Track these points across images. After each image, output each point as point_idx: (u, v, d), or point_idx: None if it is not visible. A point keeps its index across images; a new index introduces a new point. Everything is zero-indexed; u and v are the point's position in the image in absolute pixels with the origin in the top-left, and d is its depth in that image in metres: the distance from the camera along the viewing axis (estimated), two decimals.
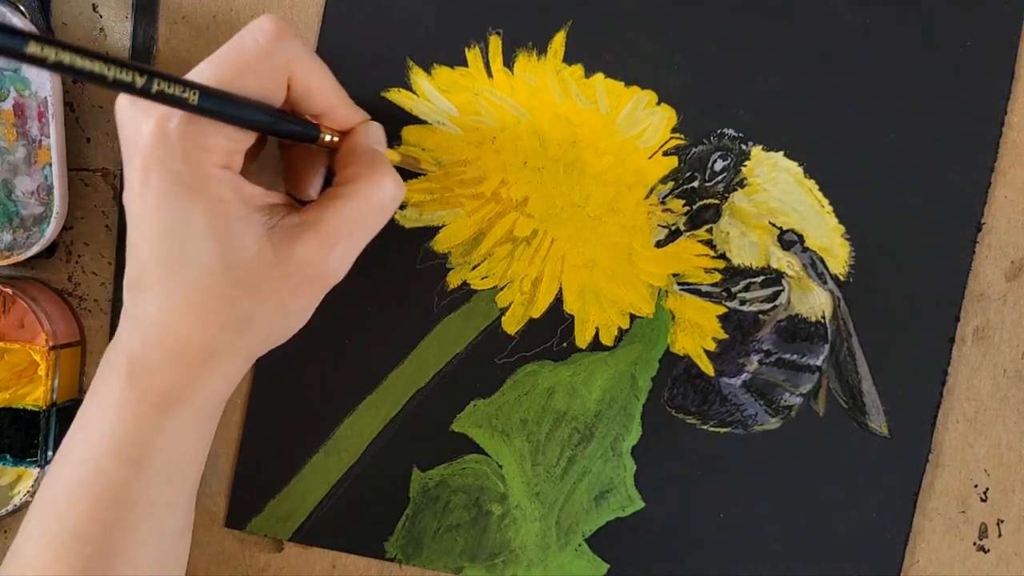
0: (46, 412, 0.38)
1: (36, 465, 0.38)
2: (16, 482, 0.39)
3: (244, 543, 0.41)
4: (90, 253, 0.40)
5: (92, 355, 0.41)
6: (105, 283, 0.41)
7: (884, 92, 0.38)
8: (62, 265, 0.41)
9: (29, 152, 0.36)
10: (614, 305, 0.39)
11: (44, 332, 0.38)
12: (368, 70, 0.38)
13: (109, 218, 0.40)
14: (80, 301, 0.41)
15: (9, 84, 0.36)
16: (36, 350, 0.38)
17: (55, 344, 0.38)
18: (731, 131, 0.38)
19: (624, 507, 0.40)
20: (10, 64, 0.36)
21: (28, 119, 0.36)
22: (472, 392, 0.39)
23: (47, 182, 0.36)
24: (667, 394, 0.39)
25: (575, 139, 0.38)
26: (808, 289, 0.39)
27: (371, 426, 0.40)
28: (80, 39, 0.39)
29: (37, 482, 0.38)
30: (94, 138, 0.40)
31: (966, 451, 0.39)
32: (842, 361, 0.39)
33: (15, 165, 0.36)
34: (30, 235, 0.37)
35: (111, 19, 0.39)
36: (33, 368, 0.39)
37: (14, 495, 0.39)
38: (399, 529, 0.40)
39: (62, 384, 0.39)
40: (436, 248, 0.39)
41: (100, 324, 0.41)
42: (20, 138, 0.36)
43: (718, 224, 0.39)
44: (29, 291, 0.39)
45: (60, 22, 0.39)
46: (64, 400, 0.39)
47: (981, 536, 0.39)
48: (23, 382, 0.39)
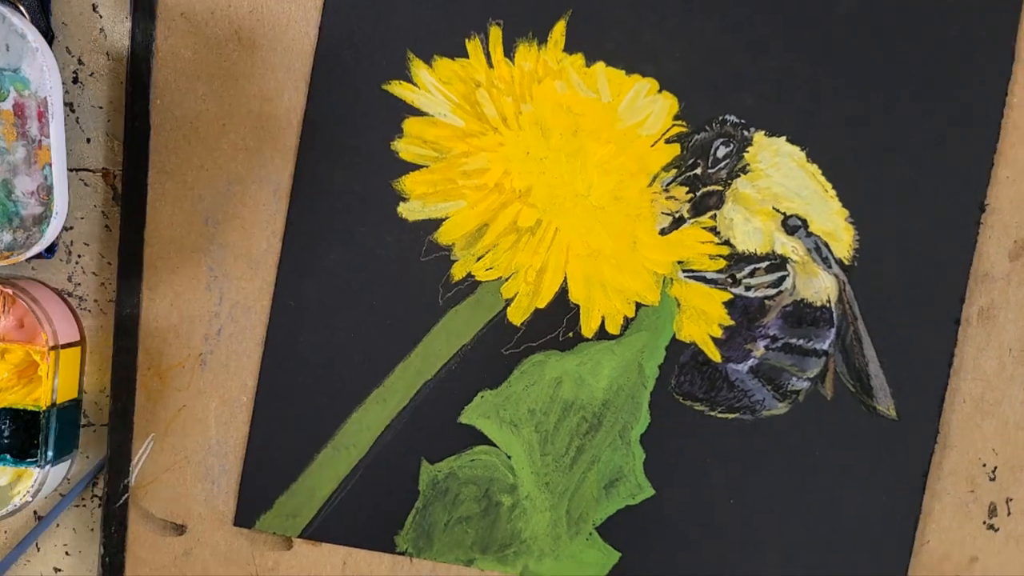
0: (46, 412, 0.38)
1: (36, 465, 0.38)
2: (16, 482, 0.39)
3: (253, 542, 0.41)
4: (90, 253, 0.40)
5: (92, 355, 0.41)
6: (105, 283, 0.40)
7: (885, 75, 0.38)
8: (62, 265, 0.40)
9: (29, 152, 0.36)
10: (619, 294, 0.39)
11: (44, 332, 0.38)
12: (368, 63, 0.38)
13: (109, 218, 0.40)
14: (80, 301, 0.40)
15: (9, 84, 0.35)
16: (36, 350, 0.38)
17: (55, 344, 0.38)
18: (733, 117, 0.38)
19: (634, 495, 0.40)
20: (10, 64, 0.35)
21: (28, 119, 0.36)
22: (479, 383, 0.39)
23: (47, 182, 0.36)
24: (674, 381, 0.39)
25: (577, 128, 0.38)
26: (813, 274, 0.39)
27: (379, 420, 0.39)
28: (80, 39, 0.39)
29: (37, 482, 0.38)
30: (94, 138, 0.40)
31: (974, 431, 0.39)
32: (849, 345, 0.39)
33: (15, 165, 0.36)
34: (30, 235, 0.37)
35: (111, 19, 0.39)
36: (33, 368, 0.39)
37: (14, 495, 0.38)
38: (409, 523, 0.40)
39: (62, 384, 0.39)
40: (440, 240, 0.39)
41: (100, 324, 0.40)
42: (20, 138, 0.36)
43: (722, 211, 0.39)
44: (29, 291, 0.38)
45: (60, 22, 0.39)
46: (64, 400, 0.39)
47: (991, 515, 0.40)
48: (23, 382, 0.39)
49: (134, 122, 0.39)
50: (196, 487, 0.40)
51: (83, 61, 0.39)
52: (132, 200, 0.39)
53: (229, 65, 0.38)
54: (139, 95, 0.38)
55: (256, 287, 0.39)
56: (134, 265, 0.39)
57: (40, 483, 0.38)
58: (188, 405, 0.40)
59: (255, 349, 0.39)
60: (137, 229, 0.39)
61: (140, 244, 0.39)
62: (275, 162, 0.39)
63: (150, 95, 0.38)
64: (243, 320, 0.39)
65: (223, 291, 0.39)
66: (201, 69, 0.38)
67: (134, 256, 0.39)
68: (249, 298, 0.39)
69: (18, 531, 0.42)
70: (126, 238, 0.39)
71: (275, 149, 0.39)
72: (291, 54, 0.38)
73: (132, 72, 0.38)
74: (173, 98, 0.39)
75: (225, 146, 0.39)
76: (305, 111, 0.38)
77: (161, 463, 0.40)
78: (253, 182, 0.39)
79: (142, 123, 0.39)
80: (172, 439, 0.40)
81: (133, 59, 0.38)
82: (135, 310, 0.39)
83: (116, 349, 0.40)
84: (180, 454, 0.40)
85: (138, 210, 0.39)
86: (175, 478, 0.40)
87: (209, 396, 0.40)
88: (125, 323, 0.39)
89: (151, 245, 0.39)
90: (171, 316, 0.39)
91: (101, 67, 0.39)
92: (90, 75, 0.39)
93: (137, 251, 0.39)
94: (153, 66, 0.38)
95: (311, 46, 0.38)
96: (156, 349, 0.40)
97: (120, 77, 0.39)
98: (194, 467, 0.40)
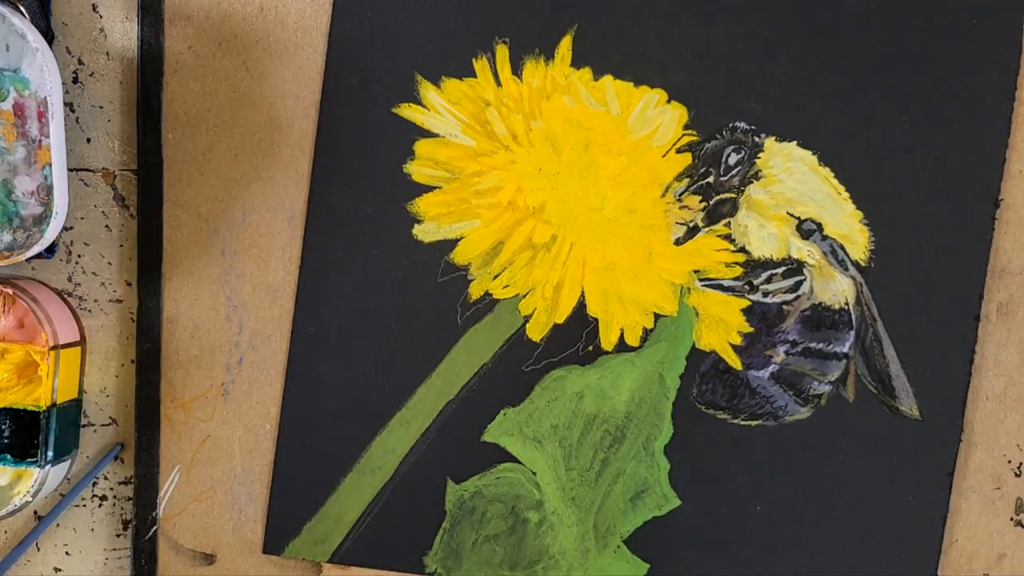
0: (46, 412, 0.38)
1: (36, 465, 0.38)
2: (16, 482, 0.39)
3: (283, 568, 0.41)
4: (90, 253, 0.40)
5: (92, 355, 0.41)
6: (105, 283, 0.40)
7: (894, 75, 0.38)
8: (62, 265, 0.40)
9: (29, 152, 0.36)
10: (637, 305, 0.39)
11: (44, 332, 0.38)
12: (377, 87, 0.38)
13: (109, 218, 0.40)
14: (80, 301, 0.40)
15: (9, 84, 0.35)
16: (36, 350, 0.38)
17: (55, 344, 0.38)
18: (743, 124, 0.38)
19: (660, 506, 0.40)
20: (10, 64, 0.35)
21: (28, 119, 0.36)
22: (501, 401, 0.39)
23: (47, 182, 0.36)
24: (696, 391, 0.39)
25: (588, 142, 0.38)
26: (830, 277, 0.39)
27: (403, 442, 0.40)
28: (80, 39, 0.39)
29: (37, 482, 0.38)
30: (94, 138, 0.40)
31: (997, 427, 0.39)
32: (869, 346, 0.39)
33: (15, 165, 0.36)
34: (30, 235, 0.37)
35: (111, 19, 0.39)
36: (33, 368, 0.39)
37: (14, 495, 0.38)
38: (438, 543, 0.40)
39: (62, 384, 0.39)
40: (456, 260, 0.39)
41: (100, 324, 0.41)
42: (20, 138, 0.36)
43: (736, 218, 0.39)
44: (29, 291, 0.38)
45: (60, 22, 0.39)
46: (64, 400, 0.39)
47: (1018, 511, 0.40)
48: (23, 382, 0.39)
49: (147, 157, 0.39)
50: (224, 516, 0.40)
51: (83, 61, 0.39)
52: (148, 234, 0.39)
53: (239, 96, 0.38)
54: (151, 129, 0.39)
55: (275, 315, 0.39)
56: (153, 297, 0.39)
57: (40, 483, 0.38)
58: (212, 435, 0.40)
59: (277, 377, 0.40)
60: (155, 263, 0.39)
61: (159, 278, 0.39)
62: (288, 190, 0.39)
63: (161, 129, 0.39)
64: (263, 349, 0.39)
65: (242, 321, 0.39)
66: (211, 101, 0.38)
67: (153, 288, 0.39)
68: (269, 326, 0.39)
69: (18, 531, 0.42)
70: (144, 271, 0.39)
71: (288, 177, 0.39)
72: (299, 82, 0.38)
73: (143, 106, 0.39)
74: (184, 131, 0.39)
75: (238, 176, 0.39)
76: (316, 137, 0.39)
77: (188, 494, 0.40)
78: (268, 211, 0.39)
79: (155, 158, 0.39)
80: (198, 470, 0.40)
81: (143, 93, 0.39)
82: (156, 344, 0.39)
83: (139, 383, 0.40)
84: (206, 484, 0.40)
85: (156, 243, 0.39)
86: (202, 508, 0.40)
87: (233, 426, 0.40)
88: (147, 357, 0.40)
89: (169, 279, 0.39)
90: (191, 348, 0.40)
91: (101, 67, 0.39)
92: (90, 75, 0.39)
93: (156, 284, 0.39)
94: (163, 99, 0.38)
95: (319, 73, 0.38)
96: (179, 381, 0.40)
97: (120, 76, 0.39)
98: (221, 496, 0.40)
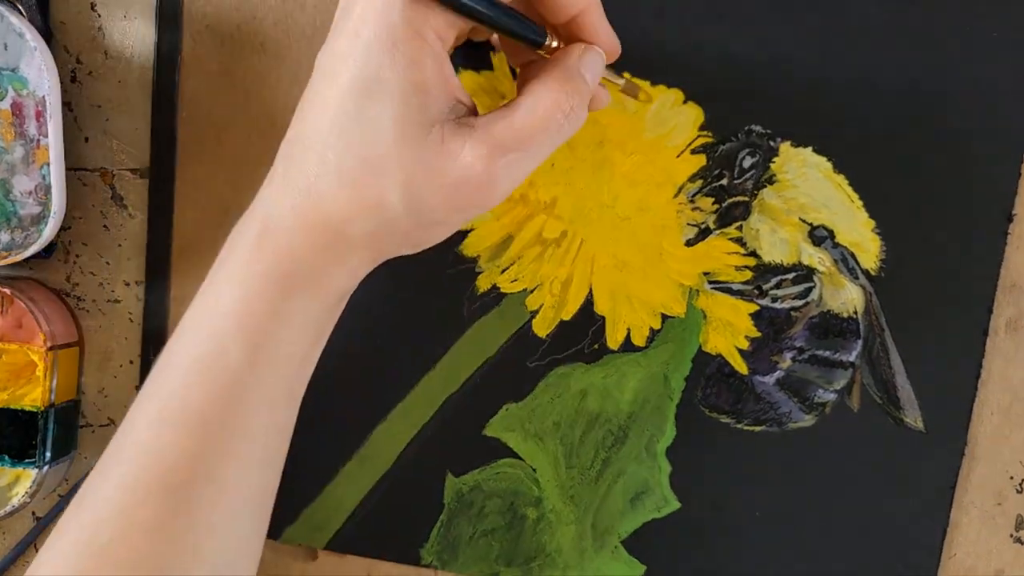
0: (44, 413, 0.38)
1: (34, 466, 0.38)
2: (14, 483, 0.39)
3: (278, 552, 0.41)
4: (88, 253, 0.40)
5: (90, 356, 0.40)
6: (103, 283, 0.40)
7: (912, 85, 0.37)
8: (60, 265, 0.40)
9: (27, 152, 0.36)
10: (645, 305, 0.39)
11: (42, 332, 0.38)
12: None
13: (108, 218, 0.40)
14: (78, 301, 0.40)
15: (7, 83, 0.35)
16: (34, 350, 0.38)
17: (53, 344, 0.38)
18: (759, 127, 0.38)
19: (659, 508, 0.39)
20: (8, 63, 0.35)
21: (26, 118, 0.36)
22: (504, 396, 0.39)
23: (45, 182, 0.36)
24: (700, 393, 0.39)
25: (602, 139, 0.38)
26: (840, 285, 0.38)
27: (404, 432, 0.39)
28: (78, 38, 0.39)
29: (35, 483, 0.38)
30: (92, 137, 0.39)
31: (1001, 443, 0.39)
32: (875, 356, 0.39)
33: (13, 165, 0.36)
34: (28, 235, 0.37)
35: (109, 18, 0.39)
36: (31, 368, 0.39)
37: (12, 496, 0.38)
38: (434, 535, 0.40)
39: (60, 385, 0.39)
40: (465, 252, 0.39)
41: (98, 324, 0.40)
42: (18, 137, 0.36)
43: (748, 221, 0.38)
44: (27, 291, 0.38)
45: (58, 21, 0.39)
46: (62, 401, 0.39)
47: (1018, 527, 0.39)
48: (21, 383, 0.39)
49: (161, 135, 0.39)
50: None
51: (81, 60, 0.39)
52: (160, 213, 0.39)
53: (255, 76, 0.38)
54: (166, 107, 0.38)
55: None
56: (162, 276, 0.39)
57: (38, 484, 0.38)
58: None
59: None
60: (165, 242, 0.39)
61: (168, 255, 0.39)
62: None
63: (176, 107, 0.38)
64: None
65: None
66: (227, 80, 0.38)
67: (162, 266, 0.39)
68: None
69: (17, 532, 0.41)
70: (153, 250, 0.39)
71: None
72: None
73: (158, 83, 0.38)
74: (199, 110, 0.39)
75: (248, 176, 0.39)
76: None
77: None
78: None
79: (169, 136, 0.39)
80: None
81: (159, 70, 0.38)
82: (162, 321, 0.39)
83: (144, 362, 0.40)
84: None
85: (166, 224, 0.39)
86: None
87: None
88: (153, 334, 0.39)
89: (179, 257, 0.39)
90: None
91: (99, 66, 0.39)
92: (88, 74, 0.39)
93: (165, 263, 0.39)
94: (179, 77, 0.38)
95: None
96: None
97: (118, 76, 0.39)
98: None
